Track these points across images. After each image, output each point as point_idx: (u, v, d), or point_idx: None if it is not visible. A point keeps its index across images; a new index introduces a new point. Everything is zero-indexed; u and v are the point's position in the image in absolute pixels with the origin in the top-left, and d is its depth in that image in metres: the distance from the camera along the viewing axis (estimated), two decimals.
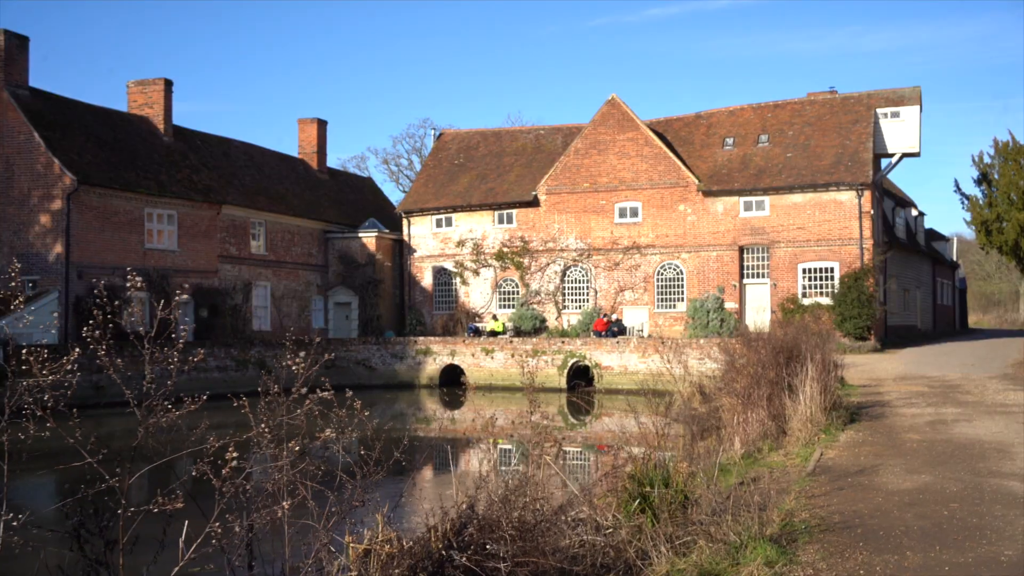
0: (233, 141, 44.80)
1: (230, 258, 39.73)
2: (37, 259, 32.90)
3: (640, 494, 9.20)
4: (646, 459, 9.57)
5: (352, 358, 39.97)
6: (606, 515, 8.69)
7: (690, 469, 13.34)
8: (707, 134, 41.95)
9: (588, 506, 8.02)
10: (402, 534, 7.07)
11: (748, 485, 12.42)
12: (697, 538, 7.80)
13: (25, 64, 34.22)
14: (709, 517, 8.32)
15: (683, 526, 8.19)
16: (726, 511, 8.22)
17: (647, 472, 9.43)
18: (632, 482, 9.45)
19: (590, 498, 8.85)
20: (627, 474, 9.39)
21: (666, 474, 9.36)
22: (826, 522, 8.61)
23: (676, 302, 39.87)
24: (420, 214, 45.02)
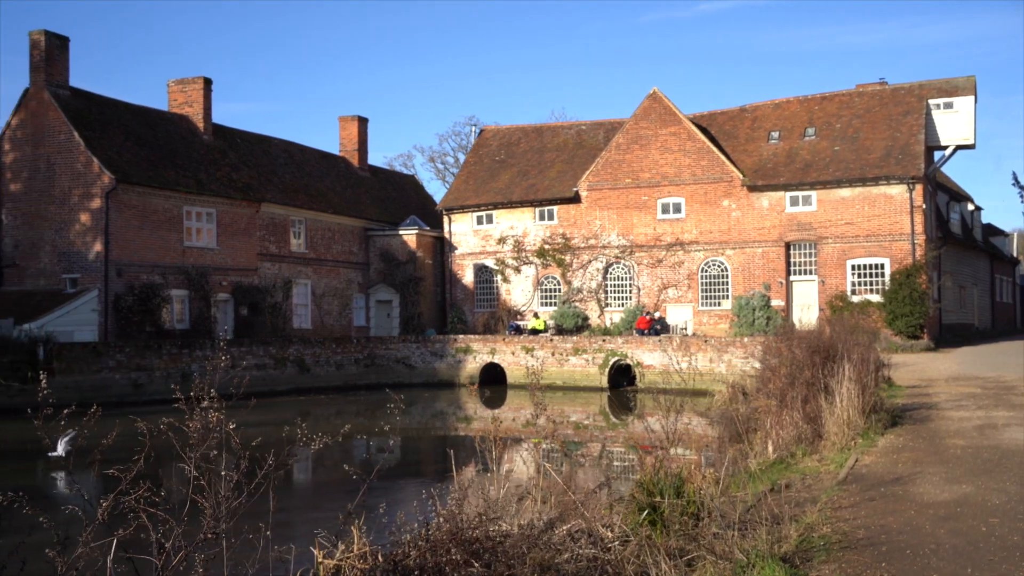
0: (273, 139, 44.82)
1: (270, 256, 39.69)
2: (78, 257, 33.11)
3: (649, 504, 8.60)
4: (656, 466, 8.96)
5: (392, 356, 39.72)
6: (612, 527, 8.12)
7: (715, 475, 12.70)
8: (752, 128, 40.95)
9: (584, 518, 7.41)
10: (379, 548, 6.56)
11: (778, 492, 11.75)
12: (705, 554, 7.18)
13: (66, 64, 34.47)
14: (722, 531, 7.70)
15: (695, 540, 7.57)
16: (736, 525, 7.57)
17: (657, 480, 8.83)
18: (641, 491, 8.86)
19: (593, 509, 8.26)
20: (635, 482, 8.80)
21: (678, 482, 8.75)
22: (848, 538, 7.92)
23: (721, 300, 38.97)
24: (461, 211, 44.62)
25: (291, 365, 36.07)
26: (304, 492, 20.29)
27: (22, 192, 34.26)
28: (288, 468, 6.59)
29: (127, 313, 32.66)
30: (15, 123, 34.44)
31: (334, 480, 21.01)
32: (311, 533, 6.89)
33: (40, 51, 33.67)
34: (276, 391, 34.84)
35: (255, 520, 6.51)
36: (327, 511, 6.88)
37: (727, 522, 8.40)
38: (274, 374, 35.34)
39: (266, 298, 38.82)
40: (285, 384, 35.39)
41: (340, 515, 6.70)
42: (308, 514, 15.42)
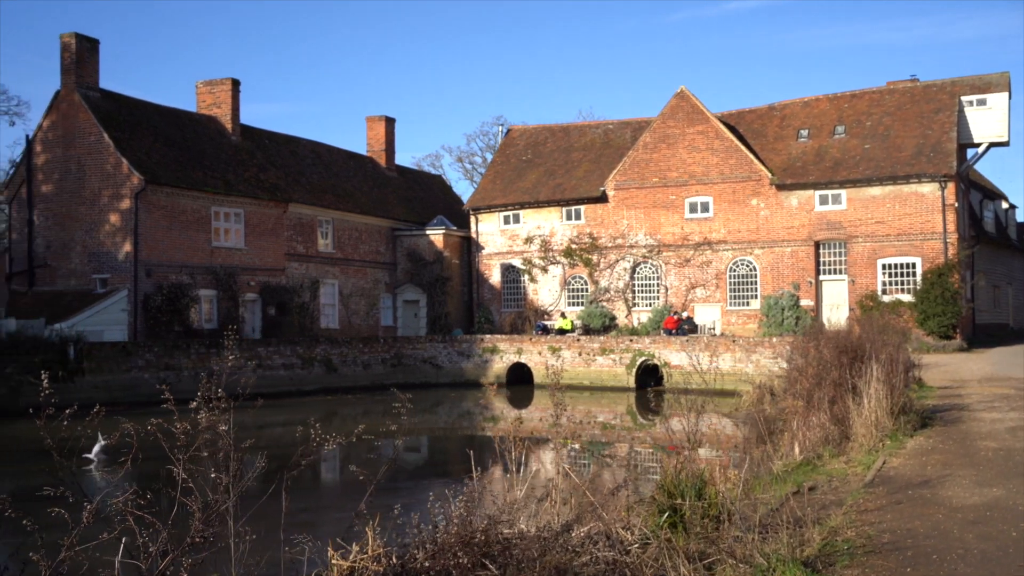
0: (301, 139, 45.02)
1: (297, 256, 39.85)
2: (107, 257, 33.41)
3: (670, 506, 8.48)
4: (678, 467, 8.83)
5: (419, 356, 39.76)
6: (632, 529, 8.01)
7: (739, 477, 12.54)
8: (780, 126, 40.57)
9: (601, 520, 7.30)
10: (393, 550, 6.49)
11: (803, 495, 11.58)
12: (725, 557, 7.05)
13: (96, 66, 34.79)
14: (742, 534, 7.56)
15: (715, 543, 7.44)
16: (757, 528, 7.43)
17: (679, 482, 8.70)
18: (662, 492, 8.74)
19: (613, 511, 8.16)
20: (657, 484, 8.68)
21: (700, 484, 8.62)
22: (873, 542, 7.75)
23: (749, 299, 38.65)
24: (488, 211, 44.57)
25: (318, 365, 36.19)
26: (331, 491, 20.29)
27: (53, 193, 34.62)
28: (303, 468, 6.51)
29: (156, 313, 32.89)
30: (46, 125, 34.81)
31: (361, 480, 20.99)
32: (332, 533, 6.85)
33: (71, 53, 34.01)
34: (304, 391, 34.99)
35: (273, 520, 6.47)
36: (350, 511, 6.82)
37: (749, 525, 8.26)
38: (302, 374, 35.48)
39: (294, 298, 38.96)
40: (313, 384, 35.51)
41: (355, 516, 6.66)
42: (332, 514, 15.43)
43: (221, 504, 5.47)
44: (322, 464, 23.91)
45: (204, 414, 5.87)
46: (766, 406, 23.10)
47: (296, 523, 12.38)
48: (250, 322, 37.33)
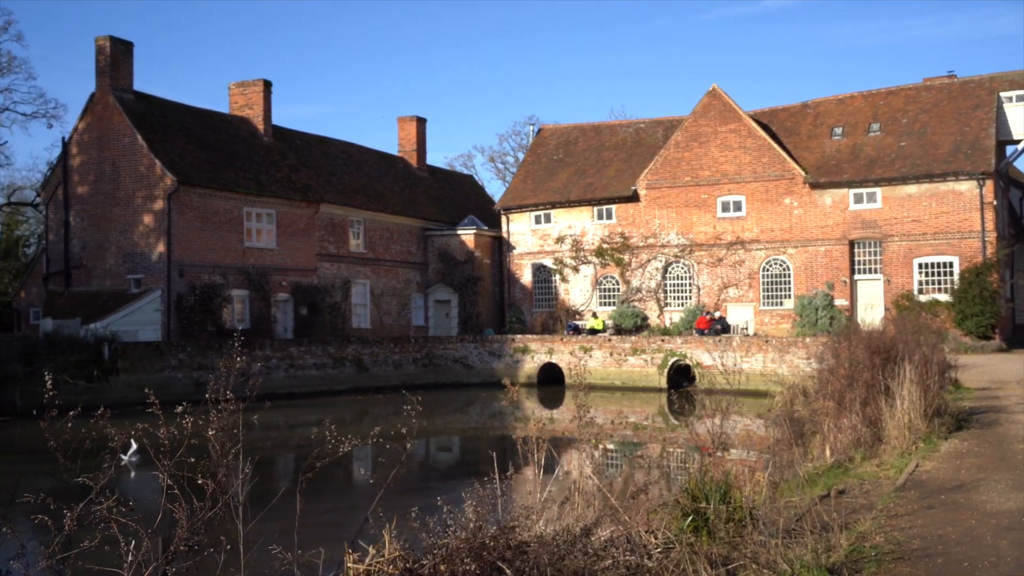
0: (332, 140, 45.22)
1: (329, 256, 40.01)
2: (141, 258, 33.73)
3: (694, 510, 8.35)
4: (702, 470, 8.69)
5: (450, 356, 39.79)
6: (655, 533, 7.89)
7: (767, 480, 12.35)
8: (814, 124, 40.11)
9: (621, 523, 7.18)
10: (411, 554, 6.42)
11: (832, 498, 11.38)
12: (748, 563, 6.91)
13: (130, 69, 35.14)
14: (766, 539, 7.41)
15: (738, 548, 7.30)
16: (781, 533, 7.27)
17: (703, 485, 8.56)
18: (686, 496, 8.61)
19: (636, 514, 8.03)
20: (681, 487, 8.55)
21: (724, 487, 8.47)
22: (902, 548, 7.56)
23: (783, 299, 38.25)
24: (519, 211, 44.49)
25: (350, 365, 36.32)
26: (362, 492, 20.15)
27: (89, 195, 35.02)
28: (336, 469, 6.47)
29: (189, 313, 33.15)
30: (82, 127, 35.22)
31: (397, 479, 20.99)
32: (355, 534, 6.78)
33: (105, 56, 34.38)
34: (335, 390, 35.13)
35: (295, 521, 6.41)
36: (379, 512, 6.76)
37: (775, 529, 8.11)
38: (333, 373, 35.62)
39: (325, 298, 39.12)
40: (344, 384, 35.64)
41: (365, 520, 6.60)
42: (359, 514, 15.39)
43: (206, 511, 5.41)
44: (354, 464, 23.99)
45: (213, 415, 5.82)
46: (799, 407, 22.84)
47: (322, 523, 12.37)
48: (282, 322, 37.53)
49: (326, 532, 11.56)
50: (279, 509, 7.01)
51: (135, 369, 29.91)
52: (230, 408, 5.98)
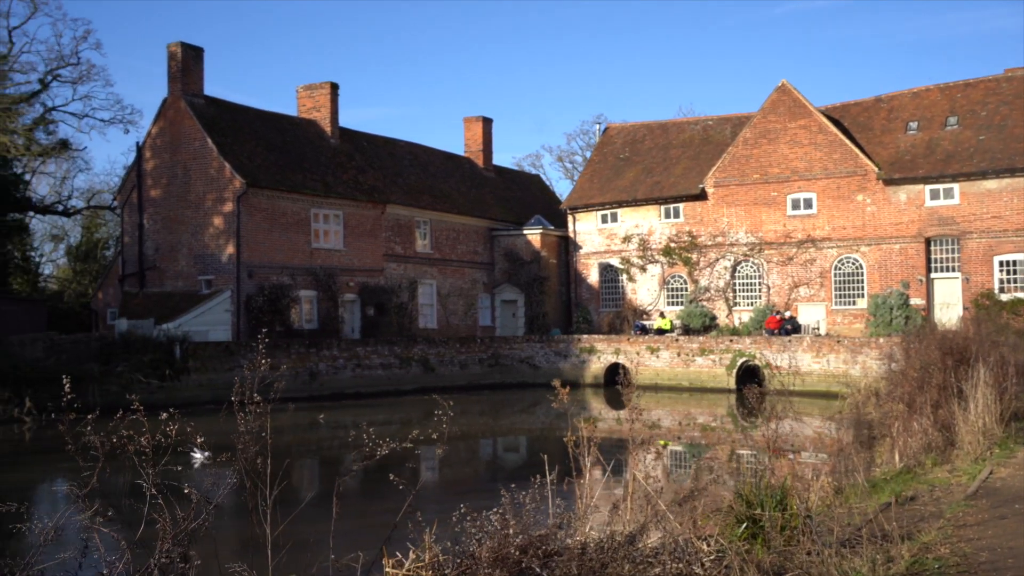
0: (398, 141, 45.50)
1: (395, 256, 40.27)
2: (212, 259, 34.34)
3: (749, 517, 8.08)
4: (758, 475, 8.41)
5: (516, 356, 39.74)
6: (708, 540, 7.65)
7: (832, 485, 11.96)
8: (888, 119, 39.03)
9: (666, 530, 6.96)
10: (445, 559, 6.29)
11: (900, 505, 10.98)
12: (800, 574, 6.63)
13: (200, 74, 35.82)
14: (819, 548, 7.11)
15: (791, 558, 7.02)
16: (836, 543, 6.97)
17: (759, 491, 8.29)
18: (741, 502, 8.34)
19: (687, 520, 7.80)
20: (735, 492, 8.29)
21: (780, 493, 8.18)
22: (968, 561, 7.19)
23: (856, 298, 37.30)
24: (585, 210, 44.23)
25: (416, 365, 36.49)
26: (428, 492, 20.12)
27: (162, 198, 35.80)
28: (351, 474, 6.36)
29: (258, 313, 33.64)
30: (155, 132, 36.02)
31: (460, 480, 21.02)
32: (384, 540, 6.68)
33: (177, 62, 35.10)
34: (401, 390, 35.34)
35: (358, 520, 6.33)
36: (442, 512, 6.67)
37: (835, 538, 7.81)
38: (399, 373, 35.82)
39: (392, 298, 39.37)
40: (410, 384, 35.82)
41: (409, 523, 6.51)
42: (422, 516, 15.35)
43: (189, 522, 5.34)
44: (422, 463, 24.05)
45: (242, 417, 5.78)
46: (871, 409, 22.22)
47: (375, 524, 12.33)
48: (349, 322, 37.89)
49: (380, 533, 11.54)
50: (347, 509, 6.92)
51: (205, 369, 30.45)
52: (257, 410, 5.90)
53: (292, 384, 32.33)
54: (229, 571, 5.71)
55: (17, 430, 25.41)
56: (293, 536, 6.75)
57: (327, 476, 20.52)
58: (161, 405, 8.06)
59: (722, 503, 8.71)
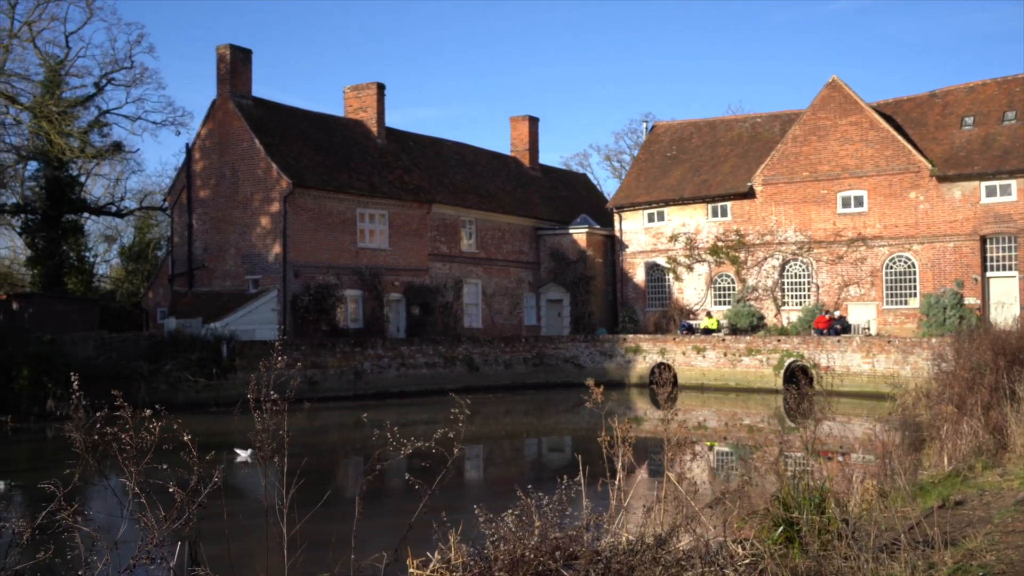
0: (445, 141, 45.57)
1: (441, 256, 40.33)
2: (259, 259, 34.67)
3: (785, 520, 7.87)
4: (796, 478, 8.19)
5: (561, 356, 39.58)
6: (744, 543, 7.46)
7: (876, 488, 11.66)
8: (942, 114, 38.18)
9: (696, 533, 6.79)
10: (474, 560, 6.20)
11: (948, 509, 10.67)
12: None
13: (248, 75, 36.19)
14: (858, 553, 6.88)
15: (825, 563, 6.81)
16: (872, 549, 6.73)
17: (797, 494, 8.07)
18: (777, 505, 8.13)
19: (720, 523, 7.61)
20: (771, 495, 8.08)
21: (819, 496, 7.95)
22: (1015, 568, 6.89)
23: (908, 298, 36.55)
24: (631, 209, 43.91)
25: (460, 364, 36.51)
26: (475, 490, 20.07)
27: (210, 198, 36.24)
28: (374, 474, 6.26)
29: (303, 312, 33.89)
30: (204, 133, 36.47)
31: (503, 479, 20.93)
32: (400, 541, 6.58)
33: (225, 64, 35.50)
34: (445, 389, 35.32)
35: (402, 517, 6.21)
36: (469, 513, 6.59)
37: (875, 543, 7.57)
38: (443, 372, 35.86)
39: (437, 298, 39.43)
40: (454, 383, 35.83)
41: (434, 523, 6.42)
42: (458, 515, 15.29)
43: (171, 520, 5.28)
44: (467, 462, 24.02)
45: (258, 416, 5.73)
46: (921, 411, 21.71)
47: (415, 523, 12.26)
48: (395, 321, 38.02)
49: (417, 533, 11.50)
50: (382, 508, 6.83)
51: (251, 367, 30.67)
52: (273, 408, 5.84)
53: (337, 383, 32.52)
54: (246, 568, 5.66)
55: (67, 428, 25.86)
56: (325, 535, 6.71)
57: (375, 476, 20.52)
58: (208, 403, 8.12)
59: (758, 506, 8.50)
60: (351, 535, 6.15)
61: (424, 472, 7.17)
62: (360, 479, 20.02)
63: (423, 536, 6.54)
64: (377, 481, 16.05)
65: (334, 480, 19.26)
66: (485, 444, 26.85)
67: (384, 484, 19.92)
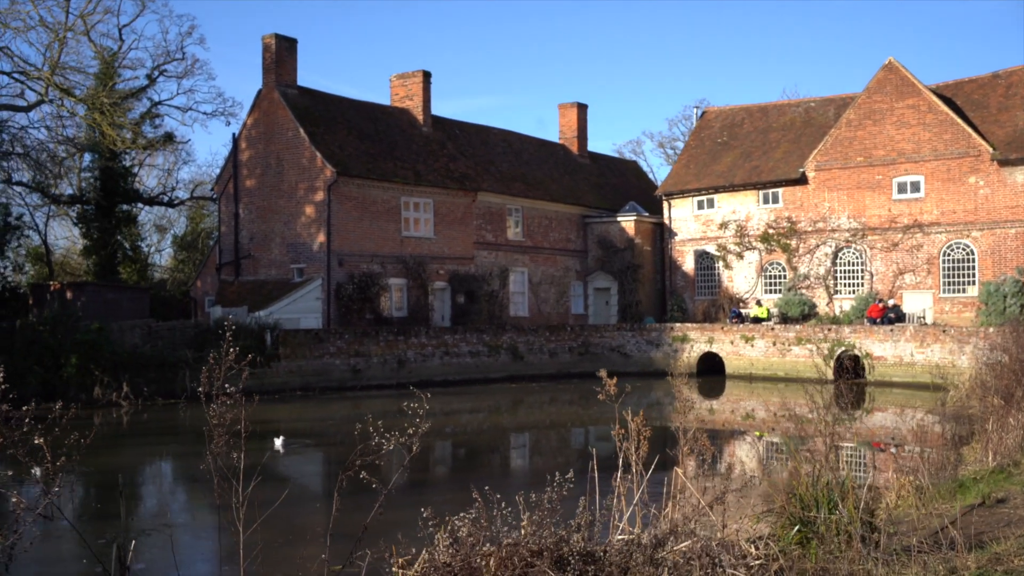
0: (492, 129, 45.24)
1: (486, 244, 40.08)
2: (304, 248, 34.77)
3: (802, 519, 7.45)
4: (815, 474, 7.76)
5: (606, 344, 39.13)
6: (758, 542, 7.08)
7: (915, 484, 11.16)
8: (1006, 95, 36.83)
9: (695, 536, 6.41)
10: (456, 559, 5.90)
11: (989, 507, 10.15)
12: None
13: (294, 64, 36.25)
14: (874, 555, 6.46)
15: (835, 567, 6.40)
16: (883, 550, 6.31)
17: (815, 491, 7.64)
18: (795, 503, 7.71)
19: (735, 520, 7.23)
20: (787, 492, 7.66)
21: (838, 494, 7.51)
22: None
23: (966, 286, 35.40)
24: (681, 196, 43.21)
25: (504, 353, 36.27)
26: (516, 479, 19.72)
27: (256, 187, 36.42)
28: (364, 466, 5.98)
29: (347, 301, 33.92)
30: (250, 123, 36.66)
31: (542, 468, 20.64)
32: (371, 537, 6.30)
33: (271, 53, 35.60)
34: (489, 378, 35.22)
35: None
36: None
37: (897, 544, 7.13)
38: (487, 361, 35.66)
39: (482, 286, 39.20)
40: (498, 372, 35.65)
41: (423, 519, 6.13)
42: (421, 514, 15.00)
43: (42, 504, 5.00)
44: (512, 452, 23.79)
45: (213, 409, 5.49)
46: (975, 403, 20.95)
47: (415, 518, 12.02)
48: (439, 310, 37.89)
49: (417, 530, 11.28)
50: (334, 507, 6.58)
51: (295, 356, 30.83)
52: (229, 402, 5.60)
53: (380, 372, 32.49)
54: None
55: (115, 414, 26.19)
56: (322, 528, 6.47)
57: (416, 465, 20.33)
58: (252, 391, 8.00)
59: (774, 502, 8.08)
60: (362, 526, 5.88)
61: (460, 460, 6.89)
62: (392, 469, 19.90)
63: (359, 539, 6.19)
64: (416, 469, 15.69)
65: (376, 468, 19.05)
66: (531, 433, 26.60)
67: (341, 480, 19.76)
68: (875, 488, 14.24)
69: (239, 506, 4.90)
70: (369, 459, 5.78)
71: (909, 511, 10.17)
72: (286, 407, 27.94)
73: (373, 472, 6.14)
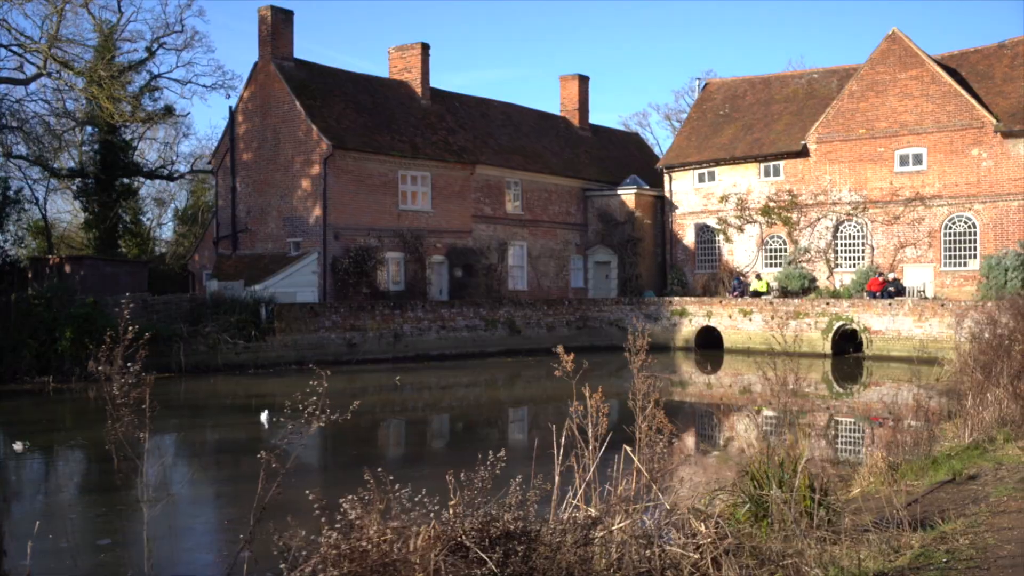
0: (492, 101, 44.85)
1: (484, 218, 39.87)
2: (300, 222, 34.65)
3: (753, 496, 7.36)
4: (769, 452, 7.65)
5: (605, 318, 39.00)
6: (709, 520, 6.98)
7: (889, 460, 11.08)
8: (1011, 66, 36.32)
9: (626, 513, 6.30)
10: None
11: (958, 484, 10.07)
12: (776, 568, 5.90)
13: (290, 37, 35.95)
14: (801, 534, 6.35)
15: (771, 547, 6.30)
16: (828, 528, 6.20)
17: (767, 467, 7.54)
18: (748, 481, 7.61)
19: (686, 498, 7.13)
20: (739, 468, 7.56)
21: (792, 471, 7.41)
22: (985, 555, 6.27)
23: (967, 259, 35.09)
24: (681, 169, 42.88)
25: (501, 327, 36.16)
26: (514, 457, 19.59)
27: (253, 161, 36.27)
28: (486, 431, 5.79)
29: (344, 275, 33.83)
30: (247, 96, 36.44)
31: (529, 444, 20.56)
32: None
33: (267, 26, 35.30)
34: (486, 352, 35.12)
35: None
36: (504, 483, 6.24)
37: (853, 523, 7.02)
38: (484, 335, 35.57)
39: (480, 260, 39.02)
40: (495, 346, 35.55)
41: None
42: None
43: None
44: (511, 426, 23.71)
45: (107, 388, 5.40)
46: (966, 377, 20.79)
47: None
48: (437, 284, 37.78)
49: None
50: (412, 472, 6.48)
51: (291, 330, 30.78)
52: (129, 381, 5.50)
53: (376, 346, 32.43)
54: None
55: (105, 388, 26.18)
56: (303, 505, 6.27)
57: (416, 439, 20.31)
58: (247, 365, 7.94)
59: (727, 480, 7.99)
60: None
61: (459, 433, 6.75)
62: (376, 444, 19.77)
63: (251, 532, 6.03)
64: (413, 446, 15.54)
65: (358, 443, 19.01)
66: (529, 407, 26.48)
67: (429, 446, 19.76)
68: (850, 464, 14.14)
69: (143, 484, 4.81)
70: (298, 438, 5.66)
71: (881, 488, 10.07)
72: (279, 381, 27.94)
73: (370, 448, 6.04)
